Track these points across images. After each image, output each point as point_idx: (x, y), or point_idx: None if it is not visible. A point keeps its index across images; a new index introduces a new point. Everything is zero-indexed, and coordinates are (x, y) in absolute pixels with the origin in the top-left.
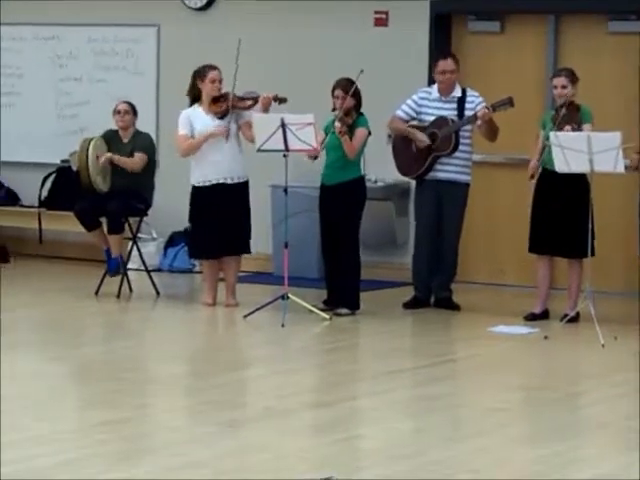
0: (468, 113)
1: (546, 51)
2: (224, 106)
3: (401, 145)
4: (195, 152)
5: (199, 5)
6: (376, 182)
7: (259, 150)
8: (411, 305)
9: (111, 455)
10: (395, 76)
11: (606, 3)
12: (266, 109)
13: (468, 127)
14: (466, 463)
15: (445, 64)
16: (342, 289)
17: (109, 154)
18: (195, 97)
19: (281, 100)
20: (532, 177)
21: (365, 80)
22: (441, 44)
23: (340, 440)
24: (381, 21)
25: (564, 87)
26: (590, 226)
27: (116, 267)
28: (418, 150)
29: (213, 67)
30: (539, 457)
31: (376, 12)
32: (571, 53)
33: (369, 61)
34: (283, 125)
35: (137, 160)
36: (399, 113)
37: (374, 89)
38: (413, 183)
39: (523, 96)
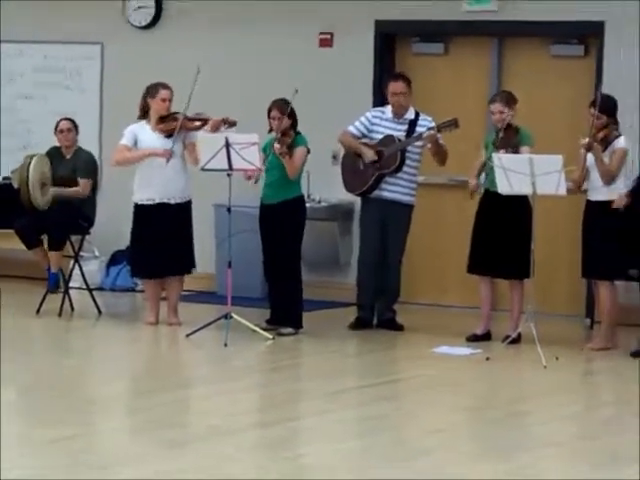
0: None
1: (489, 73)
2: (172, 125)
3: (349, 161)
4: (127, 165)
5: (143, 24)
6: (320, 202)
7: (203, 169)
8: (355, 326)
9: (54, 474)
10: (340, 97)
11: (549, 27)
12: (215, 132)
13: (417, 149)
14: None
15: (395, 86)
16: (285, 308)
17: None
18: (145, 112)
19: (230, 123)
20: (472, 196)
21: (310, 100)
22: (385, 65)
23: (284, 459)
24: (326, 42)
25: (501, 112)
26: (531, 247)
27: (55, 282)
28: (364, 167)
29: (165, 86)
30: (484, 476)
31: (321, 33)
32: (514, 76)
33: (314, 82)
34: (227, 144)
35: (83, 187)
36: (351, 129)
37: (319, 109)
38: (357, 204)
39: (466, 118)
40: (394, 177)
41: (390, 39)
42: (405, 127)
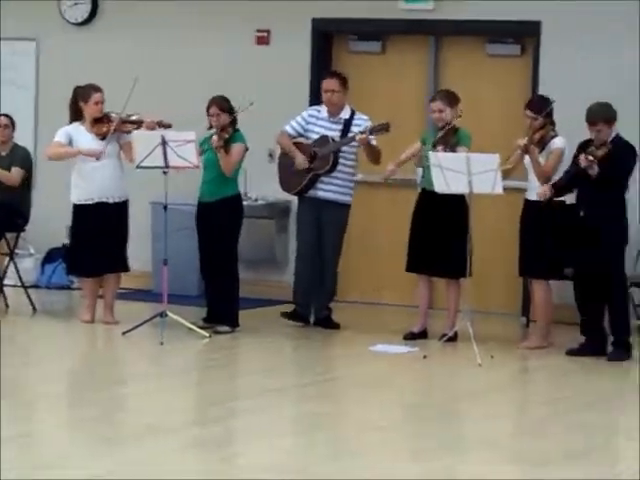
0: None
1: (426, 72)
2: (106, 128)
3: (285, 161)
4: (59, 159)
5: (79, 20)
6: (257, 200)
7: (138, 167)
8: (290, 316)
9: None
10: (277, 94)
11: (485, 26)
12: None
13: (353, 149)
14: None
15: (327, 83)
16: (221, 306)
17: None
18: (76, 114)
19: (165, 126)
20: (384, 180)
21: (247, 98)
22: (322, 63)
23: (221, 458)
24: (263, 39)
25: (441, 111)
26: (468, 246)
27: None
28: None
29: (97, 89)
30: (421, 473)
31: (258, 30)
32: (451, 74)
33: (251, 79)
34: (163, 142)
35: (14, 175)
36: (287, 129)
37: (256, 107)
38: (294, 202)
39: (403, 116)
40: (329, 177)
41: (327, 37)
42: (340, 127)
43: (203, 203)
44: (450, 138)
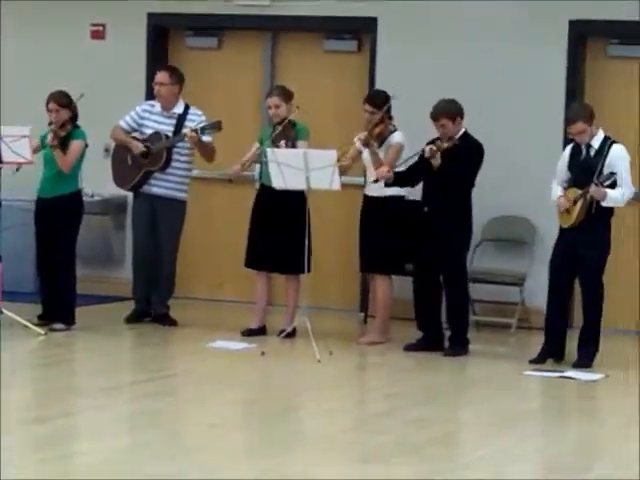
0: (186, 130)
1: (263, 68)
2: None
3: (119, 156)
4: None
5: None
6: (93, 196)
7: None
8: (131, 319)
9: None
10: (113, 89)
11: (322, 22)
12: None
13: (186, 145)
14: (186, 477)
15: (157, 76)
16: (57, 304)
17: None
18: None
19: None
20: (230, 180)
21: (84, 93)
22: (159, 59)
23: (58, 457)
24: (98, 34)
25: (277, 106)
26: (307, 242)
27: None
28: (133, 163)
29: None
30: (259, 470)
31: (93, 25)
32: (287, 70)
33: (86, 74)
34: None
35: None
36: (121, 123)
37: (91, 102)
38: (130, 198)
39: (241, 112)
40: (164, 173)
41: (163, 32)
42: (174, 122)
43: (42, 199)
44: (289, 132)
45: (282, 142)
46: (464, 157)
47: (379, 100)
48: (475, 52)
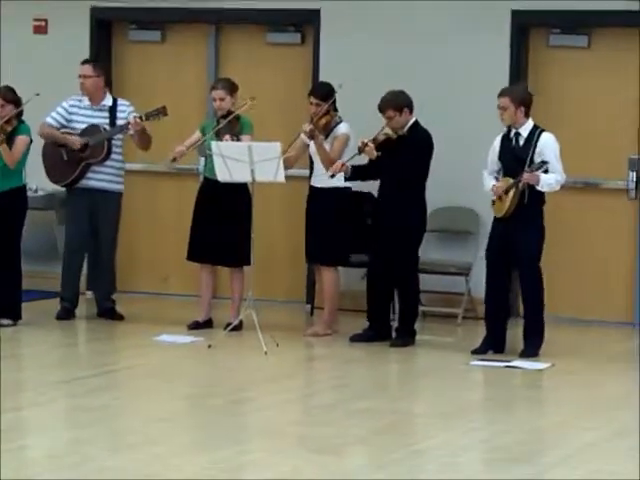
0: (120, 122)
1: (207, 61)
2: None
3: (51, 152)
4: None
5: None
6: (37, 191)
7: None
8: (62, 316)
9: None
10: (56, 84)
11: (265, 15)
12: None
13: (119, 136)
14: (135, 471)
15: (80, 69)
16: (3, 299)
17: None
18: None
19: None
20: (174, 160)
21: (25, 88)
22: (102, 53)
23: (6, 451)
24: (40, 28)
25: (222, 99)
26: (251, 234)
27: None
28: (68, 157)
29: None
30: (207, 463)
31: (35, 19)
32: (231, 63)
33: (29, 69)
34: None
35: None
36: (49, 120)
37: (35, 97)
38: None
39: (185, 105)
40: (101, 166)
41: (107, 26)
42: (106, 114)
43: None
44: (234, 126)
45: (227, 136)
46: (414, 148)
47: (324, 92)
48: (420, 43)
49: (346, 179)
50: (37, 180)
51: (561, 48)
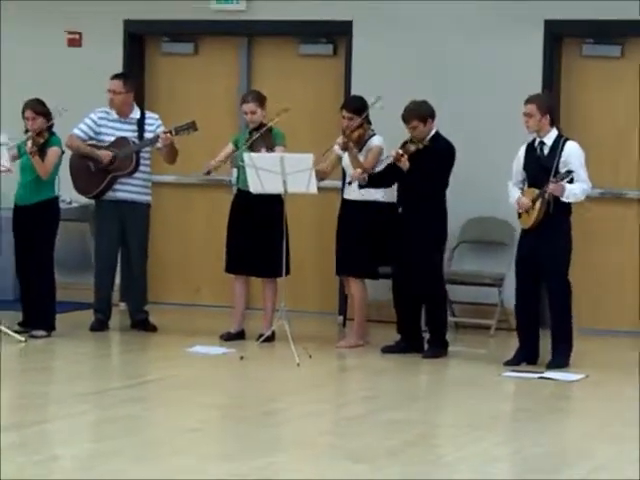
0: (148, 135)
1: (239, 73)
2: None
3: (79, 164)
4: None
5: None
6: (71, 203)
7: None
8: (96, 327)
9: None
10: (89, 97)
11: (297, 26)
12: None
13: (147, 149)
14: None
15: (109, 84)
16: (37, 311)
17: None
18: None
19: None
20: (208, 173)
21: (60, 100)
22: (135, 65)
23: (36, 462)
24: (74, 41)
25: (253, 112)
26: (284, 246)
27: None
28: (96, 169)
29: None
30: (238, 473)
31: (69, 32)
32: (263, 75)
33: (63, 82)
34: None
35: None
36: (77, 132)
37: (68, 109)
38: None
39: (216, 117)
40: (128, 177)
41: (139, 39)
42: (134, 127)
43: (19, 207)
44: (267, 138)
45: (262, 149)
46: (435, 158)
47: (356, 106)
48: (452, 53)
49: (360, 187)
50: (71, 192)
51: (594, 58)
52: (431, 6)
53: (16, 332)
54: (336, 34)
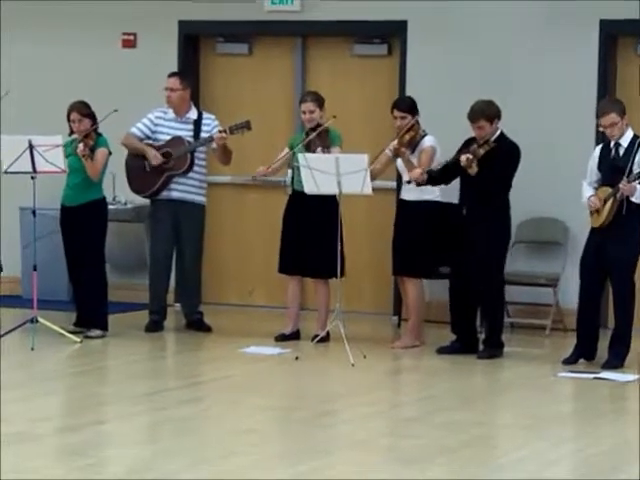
0: (204, 135)
1: (294, 73)
2: None
3: (134, 163)
4: None
5: None
6: (126, 204)
7: (6, 172)
8: (151, 328)
9: None
10: (144, 98)
11: (351, 26)
12: None
13: (203, 149)
14: None
15: (167, 81)
16: (91, 311)
17: None
18: None
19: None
20: (254, 178)
21: (115, 102)
22: (190, 66)
23: (89, 464)
24: (129, 42)
25: (312, 112)
26: (339, 247)
27: None
28: (152, 168)
29: None
30: (293, 475)
31: (124, 33)
32: (318, 75)
33: (117, 83)
34: (31, 147)
35: None
36: (134, 130)
37: (123, 111)
38: None
39: (270, 118)
40: (183, 177)
41: (194, 40)
42: (190, 127)
43: (67, 207)
44: (324, 138)
45: (319, 149)
46: (501, 160)
47: (407, 105)
48: (507, 53)
49: (418, 185)
50: (127, 193)
51: None
52: (488, 6)
53: (71, 332)
54: (390, 34)
